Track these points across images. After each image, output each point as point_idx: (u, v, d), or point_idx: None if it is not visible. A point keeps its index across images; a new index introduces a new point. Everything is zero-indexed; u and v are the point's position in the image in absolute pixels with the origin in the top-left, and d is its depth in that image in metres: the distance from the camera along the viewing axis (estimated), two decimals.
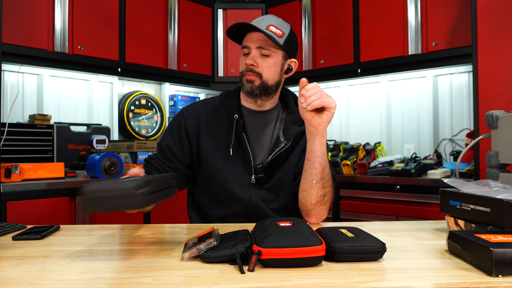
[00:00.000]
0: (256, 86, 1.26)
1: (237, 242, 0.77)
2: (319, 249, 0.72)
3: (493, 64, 2.03)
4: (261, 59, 1.25)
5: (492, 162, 1.21)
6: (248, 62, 1.25)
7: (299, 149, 1.31)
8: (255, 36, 1.24)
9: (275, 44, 1.25)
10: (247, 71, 1.25)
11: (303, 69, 3.15)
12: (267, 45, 1.24)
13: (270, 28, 1.22)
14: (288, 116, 1.34)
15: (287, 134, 1.28)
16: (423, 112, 2.91)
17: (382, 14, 2.73)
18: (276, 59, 1.27)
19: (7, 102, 2.52)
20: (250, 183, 1.26)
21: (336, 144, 2.89)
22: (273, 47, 1.25)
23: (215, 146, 1.27)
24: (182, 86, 3.45)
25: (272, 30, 1.23)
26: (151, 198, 0.80)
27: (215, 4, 3.34)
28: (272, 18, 1.26)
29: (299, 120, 1.32)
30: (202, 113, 1.32)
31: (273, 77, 1.28)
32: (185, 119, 1.31)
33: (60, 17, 2.44)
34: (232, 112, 1.29)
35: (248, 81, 1.26)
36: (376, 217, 2.46)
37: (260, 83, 1.26)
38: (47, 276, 0.68)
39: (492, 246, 0.66)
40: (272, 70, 1.27)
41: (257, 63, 1.25)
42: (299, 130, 1.29)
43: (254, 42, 1.24)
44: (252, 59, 1.24)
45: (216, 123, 1.30)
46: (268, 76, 1.26)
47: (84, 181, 2.22)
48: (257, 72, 1.25)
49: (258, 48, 1.24)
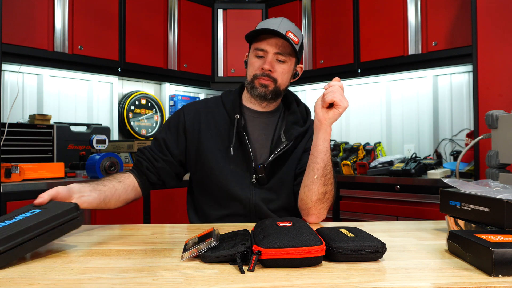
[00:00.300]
0: (270, 91, 1.26)
1: (237, 242, 0.77)
2: (319, 249, 0.72)
3: (493, 64, 2.03)
4: (277, 65, 1.25)
5: (492, 162, 1.21)
6: (266, 67, 1.24)
7: (300, 150, 1.31)
8: (274, 41, 1.23)
9: (292, 51, 1.25)
10: (263, 75, 1.25)
11: (303, 69, 3.15)
12: (285, 52, 1.24)
13: (288, 34, 1.21)
14: (289, 117, 1.34)
15: (289, 134, 1.28)
16: (423, 112, 2.91)
17: (382, 14, 2.73)
18: (290, 65, 1.28)
19: (7, 102, 2.52)
20: (250, 183, 1.26)
21: (336, 144, 2.89)
22: (289, 54, 1.26)
23: (216, 145, 1.27)
24: (182, 86, 3.45)
25: (290, 37, 1.22)
26: (16, 253, 0.74)
27: (215, 4, 3.34)
28: (289, 23, 1.25)
29: (300, 121, 1.32)
30: (203, 112, 1.32)
31: (286, 82, 1.30)
32: (184, 116, 1.31)
33: (60, 17, 2.44)
34: (233, 112, 1.29)
35: (262, 85, 1.25)
36: (376, 217, 2.46)
37: (274, 88, 1.26)
38: (47, 276, 0.68)
39: (492, 246, 0.66)
40: (286, 76, 1.28)
41: (274, 69, 1.25)
42: (300, 130, 1.29)
43: (273, 46, 1.24)
44: (270, 64, 1.24)
45: (217, 123, 1.30)
46: (282, 81, 1.28)
47: (84, 181, 2.22)
48: (273, 78, 1.25)
49: (276, 54, 1.24)
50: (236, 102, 1.31)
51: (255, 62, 1.27)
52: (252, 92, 1.28)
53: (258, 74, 1.26)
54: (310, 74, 3.14)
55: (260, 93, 1.26)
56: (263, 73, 1.25)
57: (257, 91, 1.26)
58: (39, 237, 0.79)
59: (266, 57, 1.25)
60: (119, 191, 1.19)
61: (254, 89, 1.27)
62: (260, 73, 1.25)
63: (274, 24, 1.22)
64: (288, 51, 1.25)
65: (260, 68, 1.25)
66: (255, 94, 1.27)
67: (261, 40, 1.25)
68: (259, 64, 1.26)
